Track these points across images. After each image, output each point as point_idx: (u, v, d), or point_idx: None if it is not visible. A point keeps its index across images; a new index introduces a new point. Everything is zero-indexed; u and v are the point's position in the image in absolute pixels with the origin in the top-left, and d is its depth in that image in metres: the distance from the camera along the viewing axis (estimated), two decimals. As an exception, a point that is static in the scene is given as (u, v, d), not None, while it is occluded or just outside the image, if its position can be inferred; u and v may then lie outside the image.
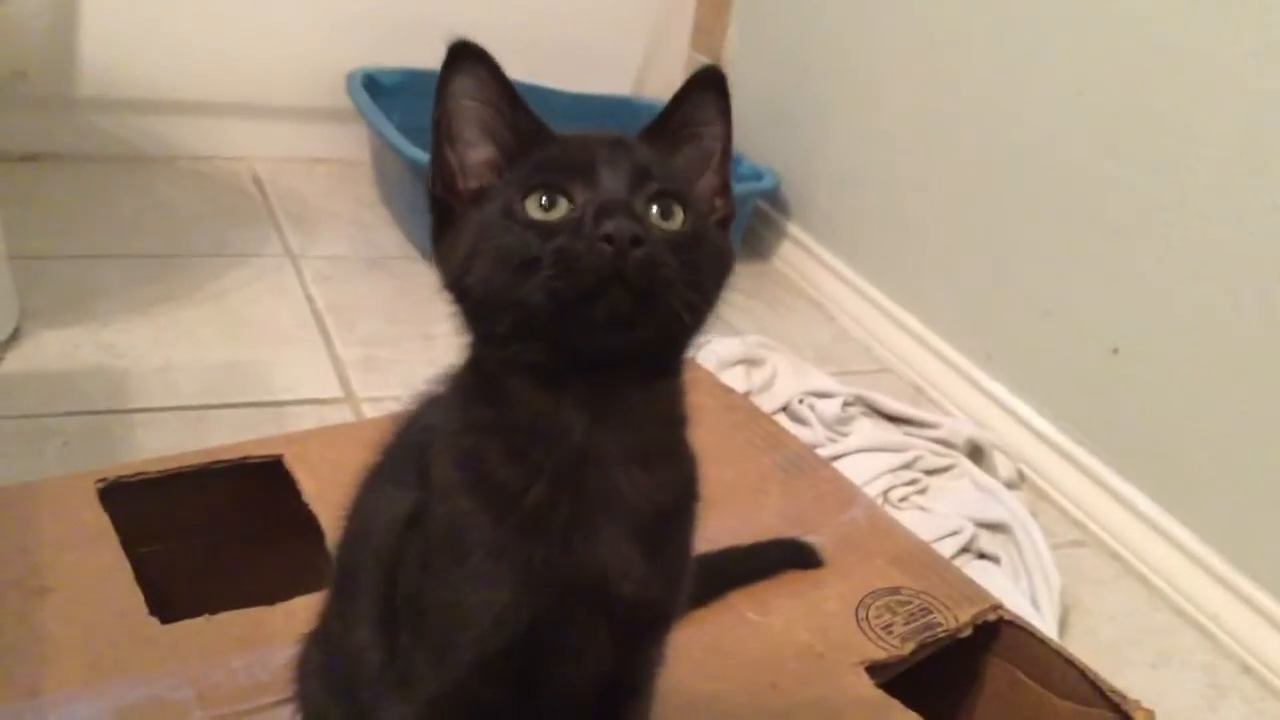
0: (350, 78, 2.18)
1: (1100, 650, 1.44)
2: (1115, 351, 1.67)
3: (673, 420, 0.63)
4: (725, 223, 0.64)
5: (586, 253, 0.54)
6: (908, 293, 2.07)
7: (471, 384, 0.61)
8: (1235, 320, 1.51)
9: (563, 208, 0.56)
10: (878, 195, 2.15)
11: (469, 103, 0.60)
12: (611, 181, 0.57)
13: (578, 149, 0.59)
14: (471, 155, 0.61)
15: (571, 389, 0.58)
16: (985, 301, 1.91)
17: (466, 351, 0.62)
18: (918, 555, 1.09)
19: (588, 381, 0.58)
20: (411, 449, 0.66)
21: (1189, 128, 1.55)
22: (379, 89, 2.18)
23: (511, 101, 0.61)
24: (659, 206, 0.58)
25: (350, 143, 2.31)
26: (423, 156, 1.95)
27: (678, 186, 0.59)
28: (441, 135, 0.61)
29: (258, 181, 2.25)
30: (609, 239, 0.53)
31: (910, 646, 0.97)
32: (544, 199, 0.57)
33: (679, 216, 0.58)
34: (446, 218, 0.61)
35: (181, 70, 2.21)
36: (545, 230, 0.56)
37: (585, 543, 0.59)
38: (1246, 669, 1.50)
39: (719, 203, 0.64)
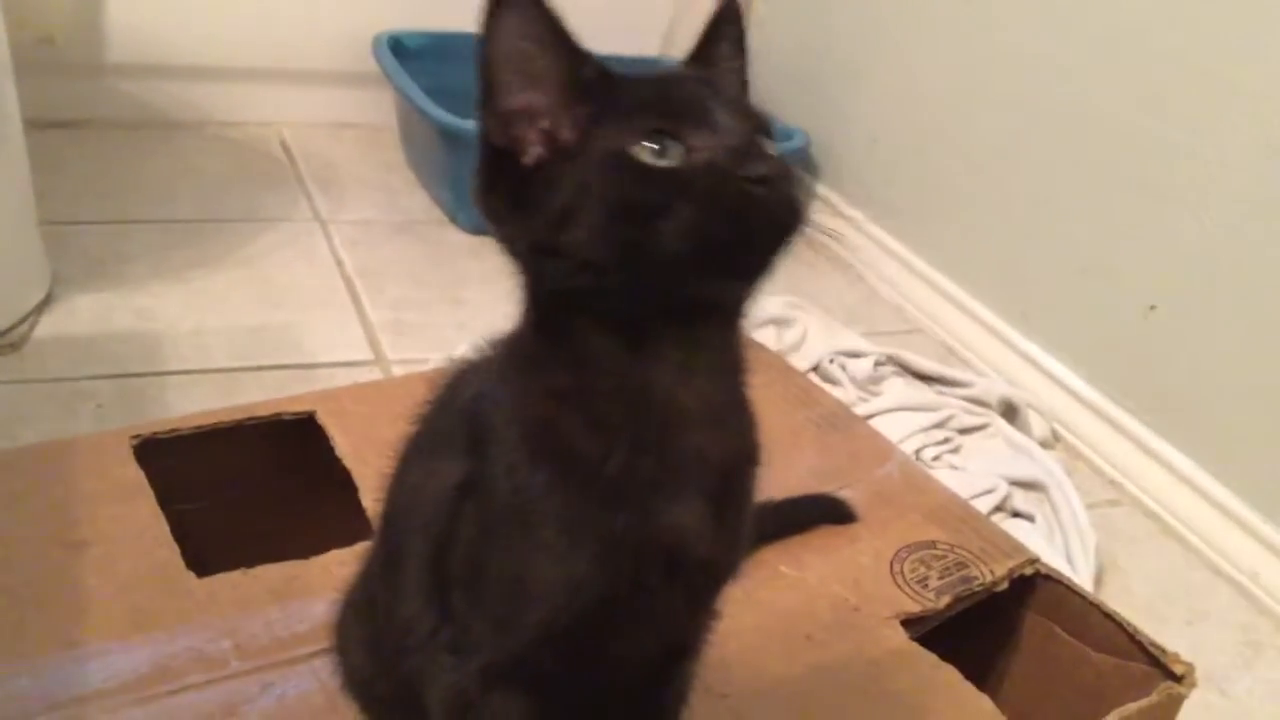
0: (376, 41, 2.17)
1: (1135, 608, 1.42)
2: (1152, 309, 1.64)
3: (740, 369, 0.60)
4: None
5: (741, 197, 0.52)
6: (939, 252, 2.05)
7: (540, 349, 0.58)
8: (1274, 277, 1.49)
9: (677, 153, 0.53)
10: (909, 154, 2.13)
11: (525, 44, 0.55)
12: (729, 120, 0.54)
13: (674, 88, 0.56)
14: (530, 99, 0.55)
15: (657, 345, 0.56)
16: (1020, 260, 1.89)
17: (529, 315, 0.58)
18: (953, 510, 1.08)
19: (674, 335, 0.56)
20: (459, 418, 0.64)
21: (1230, 83, 1.52)
22: (405, 52, 2.17)
23: (569, 41, 0.56)
24: (768, 139, 0.56)
25: (377, 107, 2.30)
26: (449, 119, 1.94)
27: (768, 120, 0.57)
28: (495, 81, 0.55)
29: (285, 146, 2.25)
30: (764, 181, 0.52)
31: (945, 600, 0.96)
32: (655, 144, 0.53)
33: (773, 151, 0.56)
34: (508, 171, 0.56)
35: (209, 36, 2.20)
36: (670, 178, 0.52)
37: (665, 508, 0.57)
38: (1284, 626, 1.48)
39: None
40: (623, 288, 0.53)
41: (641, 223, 0.52)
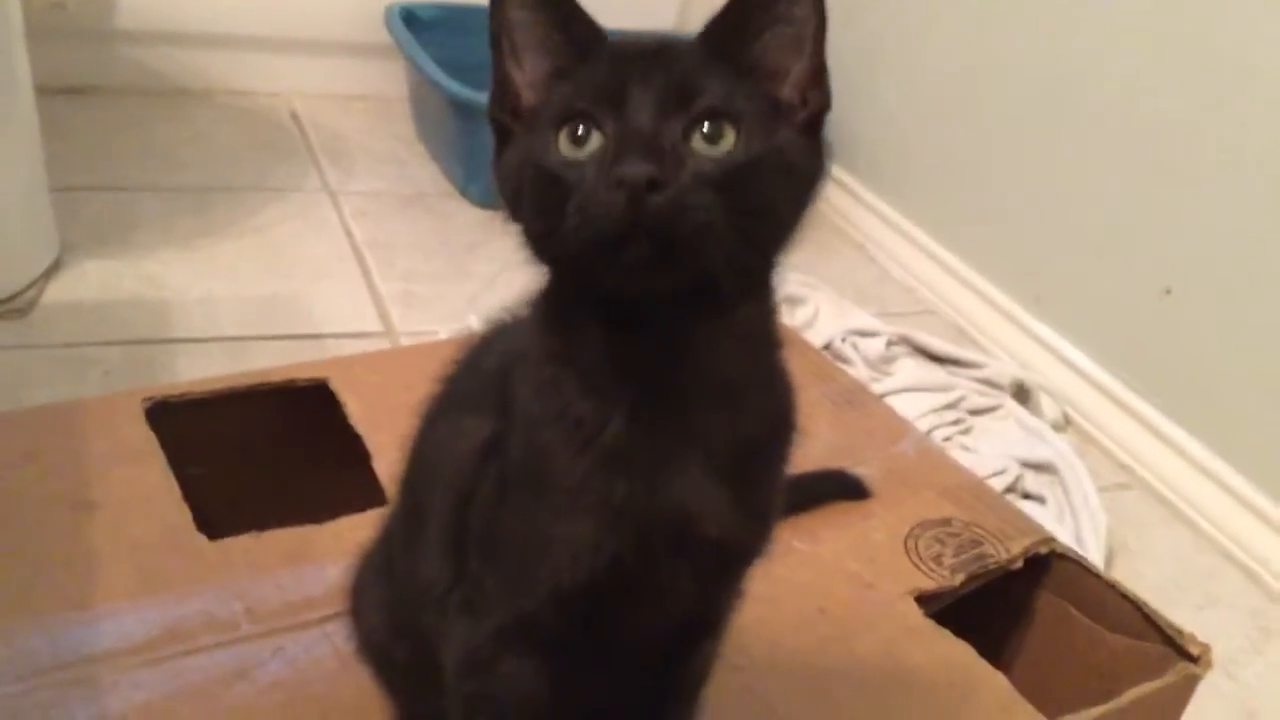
0: (389, 12, 2.16)
1: (1146, 592, 1.40)
2: (1167, 292, 1.63)
3: (760, 348, 0.58)
4: (816, 119, 0.56)
5: (603, 201, 0.48)
6: (953, 234, 2.04)
7: (545, 312, 0.58)
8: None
9: (595, 141, 0.51)
10: (923, 135, 2.12)
11: (522, 13, 0.55)
12: (639, 109, 0.51)
13: (611, 67, 0.53)
14: (527, 71, 0.56)
15: (640, 325, 0.54)
16: (1033, 242, 1.87)
17: (540, 280, 0.58)
18: (968, 488, 1.07)
19: (655, 314, 0.53)
20: (488, 376, 0.63)
21: (1248, 65, 1.51)
22: (417, 24, 2.16)
23: (569, 10, 0.55)
24: (708, 128, 0.51)
25: (388, 78, 2.29)
26: (460, 91, 1.93)
27: (729, 102, 0.52)
28: (500, 51, 0.56)
29: (295, 117, 2.24)
30: (621, 183, 0.48)
31: (960, 577, 0.95)
32: (578, 131, 0.52)
33: (729, 139, 0.51)
34: (505, 140, 0.57)
35: (221, 3, 2.19)
36: (575, 170, 0.51)
37: (666, 482, 0.56)
38: (1295, 614, 1.48)
39: (810, 95, 0.56)
40: (564, 273, 0.54)
41: (551, 214, 0.51)
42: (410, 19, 2.15)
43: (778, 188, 0.53)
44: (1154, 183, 1.65)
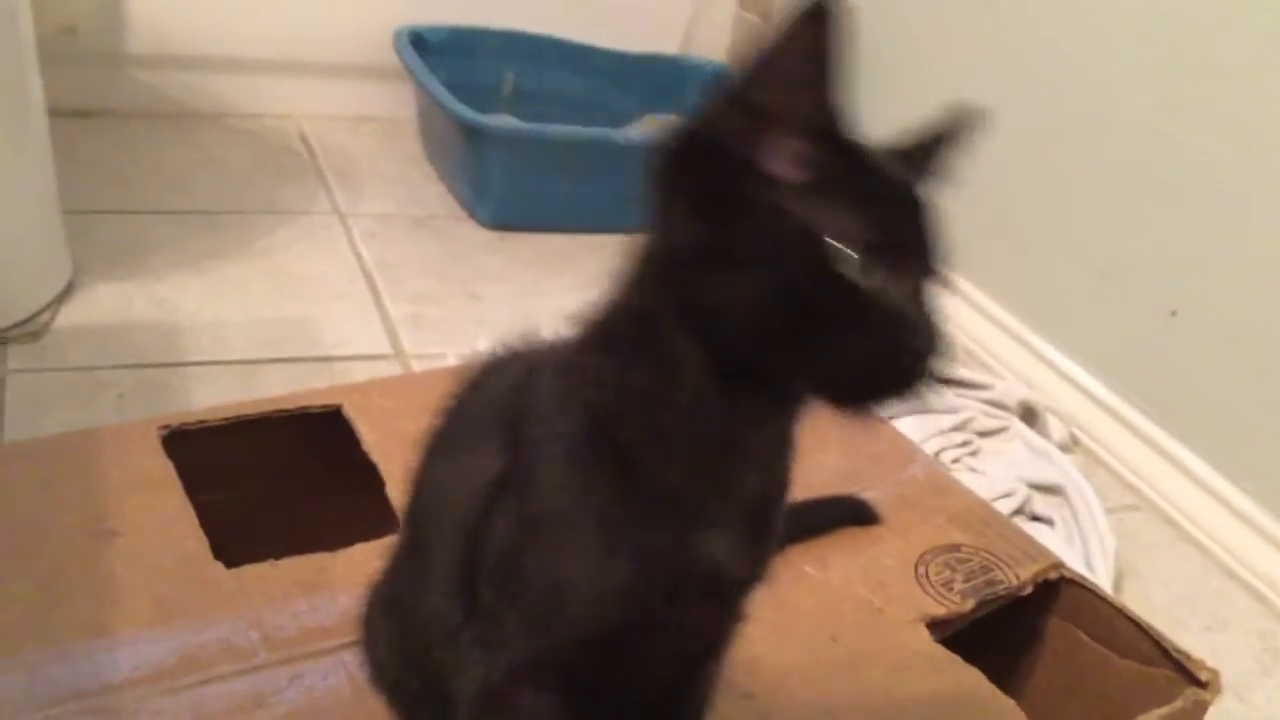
0: (397, 35, 2.17)
1: (1154, 614, 1.41)
2: (1174, 314, 1.64)
3: (798, 413, 0.59)
4: None
5: (903, 368, 0.51)
6: (957, 254, 2.04)
7: (633, 346, 0.55)
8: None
9: (879, 279, 0.50)
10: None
11: (805, 66, 0.50)
12: (932, 260, 0.53)
13: (907, 205, 0.54)
14: (790, 104, 0.51)
15: (746, 388, 0.54)
16: (1040, 263, 1.88)
17: (636, 309, 0.55)
18: (977, 513, 1.08)
19: (764, 390, 0.55)
20: (492, 411, 0.63)
21: (1254, 84, 1.52)
22: (426, 47, 2.18)
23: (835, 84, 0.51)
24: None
25: (396, 101, 2.31)
26: (468, 114, 1.94)
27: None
28: (762, 73, 0.51)
29: (305, 139, 2.25)
30: (922, 366, 0.52)
31: (971, 603, 0.96)
32: (868, 257, 0.50)
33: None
34: (711, 171, 0.52)
35: (230, 27, 2.20)
36: (857, 301, 0.50)
37: (708, 532, 0.57)
38: (1303, 635, 1.48)
39: None
40: (756, 356, 0.52)
41: (804, 323, 0.50)
42: (418, 42, 2.17)
43: None
44: (1158, 203, 1.66)
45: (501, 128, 2.00)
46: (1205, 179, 1.59)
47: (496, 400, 0.64)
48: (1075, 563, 1.37)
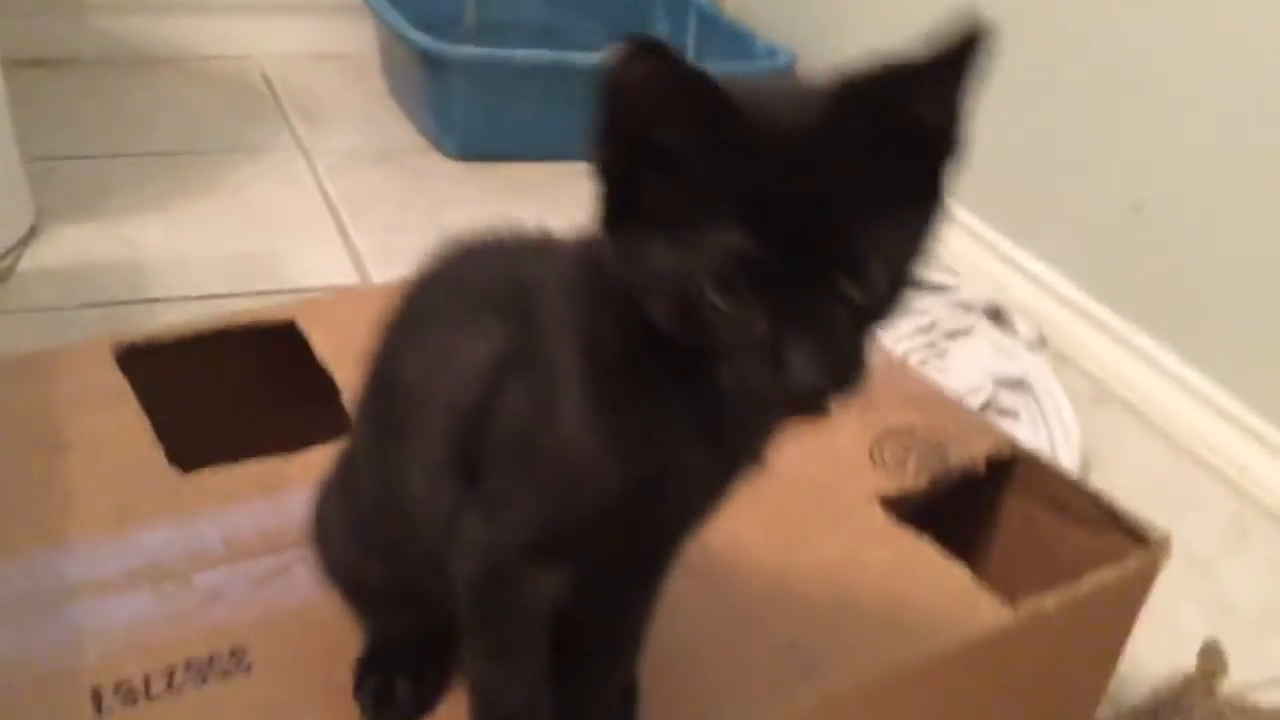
0: (354, -32, 2.15)
1: (1124, 500, 1.44)
2: (1137, 209, 1.64)
3: None
4: None
5: (764, 395, 0.50)
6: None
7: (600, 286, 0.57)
8: (1258, 172, 1.49)
9: (746, 299, 0.49)
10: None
11: (652, 96, 0.49)
12: (805, 277, 0.49)
13: (784, 180, 0.49)
14: (652, 126, 0.49)
15: None
16: (1005, 164, 1.88)
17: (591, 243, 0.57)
18: (931, 397, 1.09)
19: None
20: (482, 295, 0.63)
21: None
22: (384, -21, 2.16)
23: (704, 93, 0.49)
24: (844, 299, 0.50)
25: (357, 36, 2.30)
26: (430, 44, 1.94)
27: (867, 256, 0.50)
28: (616, 111, 0.50)
29: (266, 79, 2.24)
30: (791, 391, 0.49)
31: (925, 479, 0.97)
32: (722, 291, 0.49)
33: (858, 292, 0.50)
34: (620, 191, 0.52)
35: (186, -31, 2.19)
36: (730, 328, 0.50)
37: (730, 431, 0.60)
38: (1272, 514, 1.50)
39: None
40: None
41: (685, 334, 0.51)
42: (376, -26, 2.15)
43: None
44: (1119, 99, 1.65)
45: (462, 54, 1.98)
46: (1165, 74, 1.59)
47: (490, 283, 0.64)
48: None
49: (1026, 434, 1.41)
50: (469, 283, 0.66)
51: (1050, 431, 1.44)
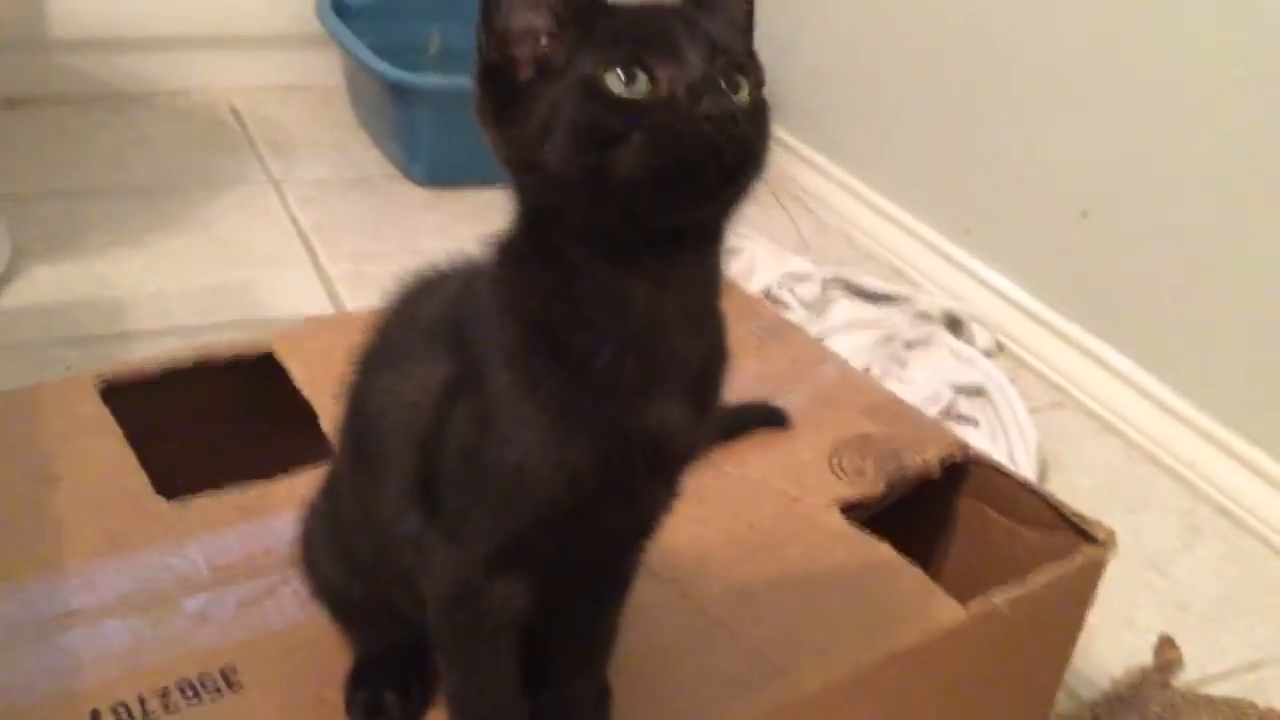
0: (320, 2, 2.19)
1: (1078, 501, 1.47)
2: (1085, 214, 1.70)
3: (717, 282, 0.65)
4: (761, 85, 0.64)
5: (689, 133, 0.55)
6: (883, 178, 2.10)
7: (531, 253, 0.62)
8: (1202, 175, 1.55)
9: (643, 84, 0.56)
10: (849, 84, 2.17)
11: None
12: (695, 57, 0.57)
13: (652, 22, 0.59)
14: (526, 20, 0.59)
15: (635, 260, 0.60)
16: (959, 176, 1.94)
17: (519, 223, 0.63)
18: (887, 406, 1.13)
19: (651, 252, 0.60)
20: (432, 324, 0.68)
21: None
22: (348, 11, 2.20)
23: None
24: (735, 78, 0.58)
25: (324, 68, 2.33)
26: (396, 74, 1.98)
27: (743, 58, 0.60)
28: (495, 1, 0.59)
29: (235, 112, 2.27)
30: (710, 119, 0.55)
31: (881, 485, 1.01)
32: (623, 74, 0.56)
33: (744, 89, 0.58)
34: (502, 88, 0.60)
35: (152, 7, 2.22)
36: (632, 108, 0.56)
37: (649, 404, 0.62)
38: (1223, 511, 1.55)
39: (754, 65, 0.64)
40: (589, 207, 0.58)
41: (601, 148, 0.56)
42: (340, 8, 2.19)
43: (768, 134, 0.61)
44: (1066, 109, 1.71)
45: (427, 84, 2.02)
46: (1111, 81, 1.65)
47: (437, 314, 0.68)
48: (999, 458, 1.43)
49: (985, 441, 1.46)
50: (421, 316, 0.70)
51: (1008, 437, 1.49)
